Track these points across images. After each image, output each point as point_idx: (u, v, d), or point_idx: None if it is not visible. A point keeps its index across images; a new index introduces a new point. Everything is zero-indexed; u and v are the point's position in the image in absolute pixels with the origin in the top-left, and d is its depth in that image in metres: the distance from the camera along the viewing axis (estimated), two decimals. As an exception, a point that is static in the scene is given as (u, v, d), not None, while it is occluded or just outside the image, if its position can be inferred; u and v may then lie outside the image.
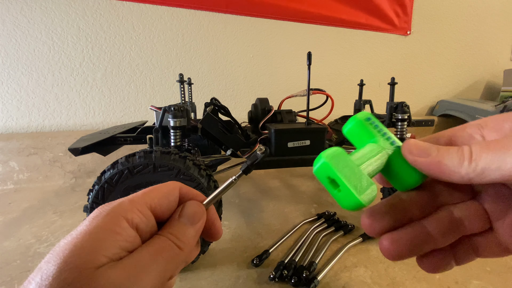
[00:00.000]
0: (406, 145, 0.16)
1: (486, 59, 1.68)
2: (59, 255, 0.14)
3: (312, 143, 0.55)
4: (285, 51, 1.24)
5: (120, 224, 0.16)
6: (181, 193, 0.20)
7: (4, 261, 0.49)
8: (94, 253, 0.14)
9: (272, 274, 0.42)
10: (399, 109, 0.58)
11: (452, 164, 0.14)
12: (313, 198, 0.76)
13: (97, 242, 0.14)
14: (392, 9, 1.36)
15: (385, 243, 0.16)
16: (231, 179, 0.22)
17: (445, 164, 0.15)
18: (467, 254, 0.17)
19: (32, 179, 0.90)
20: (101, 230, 0.15)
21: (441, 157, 0.15)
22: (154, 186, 0.19)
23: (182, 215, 0.19)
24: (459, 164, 0.14)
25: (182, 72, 1.07)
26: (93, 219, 0.16)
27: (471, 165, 0.14)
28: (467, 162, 0.14)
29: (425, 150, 0.16)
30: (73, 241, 0.14)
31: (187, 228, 0.18)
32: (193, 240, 0.19)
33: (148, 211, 0.18)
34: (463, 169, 0.14)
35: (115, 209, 0.16)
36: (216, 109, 0.60)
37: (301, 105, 0.69)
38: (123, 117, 1.06)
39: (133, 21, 1.02)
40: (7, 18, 0.90)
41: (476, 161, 0.14)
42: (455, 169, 0.14)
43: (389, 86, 0.62)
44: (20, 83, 0.93)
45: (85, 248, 0.14)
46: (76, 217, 0.66)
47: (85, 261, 0.14)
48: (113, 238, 0.15)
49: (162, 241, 0.17)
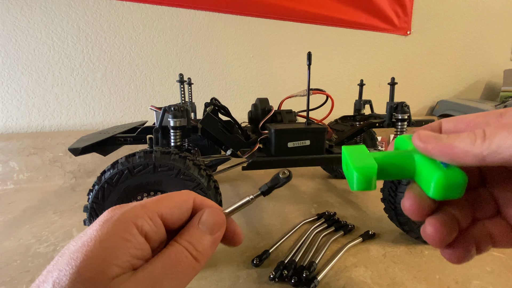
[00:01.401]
0: (416, 134, 0.16)
1: (486, 59, 1.68)
2: (71, 264, 0.13)
3: (312, 143, 0.55)
4: (285, 51, 1.24)
5: (130, 231, 0.15)
6: (195, 203, 0.20)
7: (4, 261, 0.49)
8: (106, 264, 0.14)
9: (272, 274, 0.42)
10: (399, 109, 0.58)
11: (465, 145, 0.14)
12: (313, 198, 0.76)
13: (108, 250, 0.14)
14: (392, 9, 1.36)
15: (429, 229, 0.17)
16: (248, 198, 0.21)
17: (457, 145, 0.14)
18: (485, 243, 0.18)
19: (32, 179, 0.90)
20: (111, 237, 0.15)
21: (452, 140, 0.15)
22: (168, 194, 0.19)
23: (202, 223, 0.18)
24: (472, 143, 0.14)
25: (182, 72, 1.07)
26: (103, 223, 0.15)
27: (484, 143, 0.13)
28: (480, 141, 0.14)
29: (436, 136, 0.16)
30: (84, 249, 0.14)
31: (206, 238, 0.18)
32: (210, 251, 0.18)
33: (159, 219, 0.17)
34: (476, 147, 0.14)
35: (125, 214, 0.16)
36: (216, 109, 0.60)
37: (301, 105, 0.69)
38: (123, 117, 1.06)
39: (133, 21, 1.02)
40: (7, 18, 0.90)
41: (490, 138, 0.13)
42: (468, 149, 0.14)
43: (389, 86, 0.62)
44: (20, 83, 0.93)
45: (97, 258, 0.14)
46: (76, 217, 0.66)
47: (99, 272, 0.13)
48: (123, 246, 0.15)
49: (179, 252, 0.17)
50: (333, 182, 0.89)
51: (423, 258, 0.49)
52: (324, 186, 0.85)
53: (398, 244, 0.53)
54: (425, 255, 0.49)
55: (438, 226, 0.16)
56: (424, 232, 0.17)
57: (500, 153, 0.13)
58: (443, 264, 0.47)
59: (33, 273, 0.46)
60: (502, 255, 0.50)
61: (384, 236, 0.56)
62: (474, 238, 0.18)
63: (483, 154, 0.13)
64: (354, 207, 0.70)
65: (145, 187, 0.41)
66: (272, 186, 0.22)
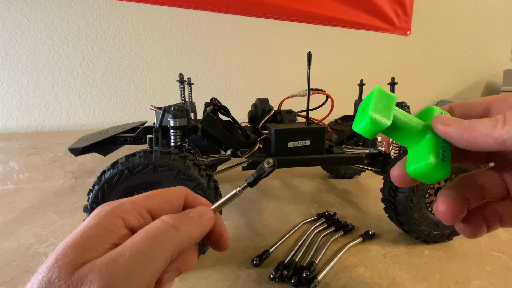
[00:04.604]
0: (436, 117, 0.17)
1: (486, 59, 1.68)
2: (52, 256, 0.14)
3: (312, 143, 0.55)
4: (285, 51, 1.24)
5: (115, 223, 0.16)
6: (187, 200, 0.20)
7: (4, 261, 0.49)
8: (83, 250, 0.14)
9: (272, 274, 0.42)
10: (399, 109, 0.57)
11: (486, 129, 0.14)
12: (313, 198, 0.76)
13: (87, 239, 0.14)
14: (392, 9, 1.36)
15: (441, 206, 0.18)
16: (235, 190, 0.21)
17: (478, 129, 0.15)
18: (493, 222, 0.19)
19: (32, 179, 0.90)
20: (95, 227, 0.15)
21: (473, 124, 0.15)
22: (161, 189, 0.19)
23: (192, 211, 0.18)
24: (493, 127, 0.14)
25: (182, 72, 1.07)
26: (92, 218, 0.16)
27: (505, 127, 0.14)
28: (501, 124, 0.14)
29: (457, 120, 0.16)
30: (67, 241, 0.14)
31: (192, 219, 0.18)
32: (194, 231, 0.17)
33: (147, 214, 0.17)
34: (497, 131, 0.14)
35: (114, 209, 0.16)
36: (216, 109, 0.60)
37: (301, 105, 0.69)
38: (123, 117, 1.06)
39: (133, 21, 1.02)
40: (7, 18, 0.90)
41: (510, 123, 0.14)
42: (488, 132, 0.14)
43: (389, 86, 0.62)
44: (20, 83, 0.93)
45: (76, 246, 0.14)
46: (76, 217, 0.66)
47: (72, 259, 0.14)
48: (104, 234, 0.15)
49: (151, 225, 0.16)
50: (333, 182, 0.89)
51: (423, 258, 0.49)
52: (324, 186, 0.85)
53: (398, 244, 0.53)
54: (425, 255, 0.49)
55: (448, 204, 0.18)
56: (436, 209, 0.18)
57: None
58: (443, 264, 0.47)
59: (33, 273, 0.45)
60: (502, 255, 0.50)
61: (384, 236, 0.56)
62: (484, 217, 0.19)
63: (503, 137, 0.14)
64: (354, 207, 0.70)
65: (145, 187, 0.41)
66: (258, 176, 0.22)
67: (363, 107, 0.18)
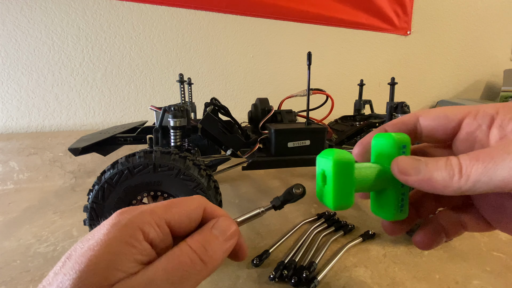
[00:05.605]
0: (395, 164, 0.17)
1: (486, 59, 1.68)
2: (75, 268, 0.13)
3: (312, 143, 0.55)
4: (285, 51, 1.24)
5: (136, 237, 0.15)
6: (206, 212, 0.19)
7: (4, 261, 0.49)
8: (110, 269, 0.14)
9: (272, 274, 0.42)
10: (399, 109, 0.58)
11: (443, 179, 0.15)
12: (313, 198, 0.76)
13: (112, 256, 0.14)
14: (392, 9, 1.36)
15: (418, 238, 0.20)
16: (258, 210, 0.21)
17: (436, 180, 0.15)
18: (456, 229, 0.20)
19: (32, 179, 0.90)
20: (117, 242, 0.15)
21: (430, 173, 0.15)
22: (179, 199, 0.18)
23: (216, 227, 0.18)
24: (450, 179, 0.14)
25: (182, 72, 1.07)
26: (111, 227, 0.15)
27: (461, 179, 0.14)
28: (457, 177, 0.14)
29: (414, 168, 0.16)
30: (89, 254, 0.14)
31: (219, 242, 0.17)
32: (221, 258, 0.17)
33: (166, 227, 0.17)
34: (454, 183, 0.14)
35: (133, 220, 0.16)
36: (216, 109, 0.60)
37: (301, 105, 0.69)
38: (123, 117, 1.06)
39: (133, 21, 1.02)
40: (7, 18, 0.90)
41: (466, 174, 0.14)
42: (446, 184, 0.15)
43: (389, 86, 0.62)
44: (20, 83, 0.93)
45: (101, 263, 0.14)
46: (76, 217, 0.66)
47: (102, 278, 0.13)
48: (128, 251, 0.14)
49: (184, 254, 0.16)
50: (333, 182, 0.89)
51: (423, 258, 0.49)
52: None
53: (398, 244, 0.53)
54: (425, 255, 0.49)
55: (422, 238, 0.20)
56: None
57: (478, 188, 0.14)
58: (443, 264, 0.47)
59: (33, 273, 0.46)
60: (502, 255, 0.50)
61: (384, 236, 0.56)
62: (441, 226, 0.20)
63: (462, 190, 0.14)
64: (354, 207, 0.70)
65: (145, 187, 0.41)
66: (284, 201, 0.21)
67: (321, 177, 0.19)
